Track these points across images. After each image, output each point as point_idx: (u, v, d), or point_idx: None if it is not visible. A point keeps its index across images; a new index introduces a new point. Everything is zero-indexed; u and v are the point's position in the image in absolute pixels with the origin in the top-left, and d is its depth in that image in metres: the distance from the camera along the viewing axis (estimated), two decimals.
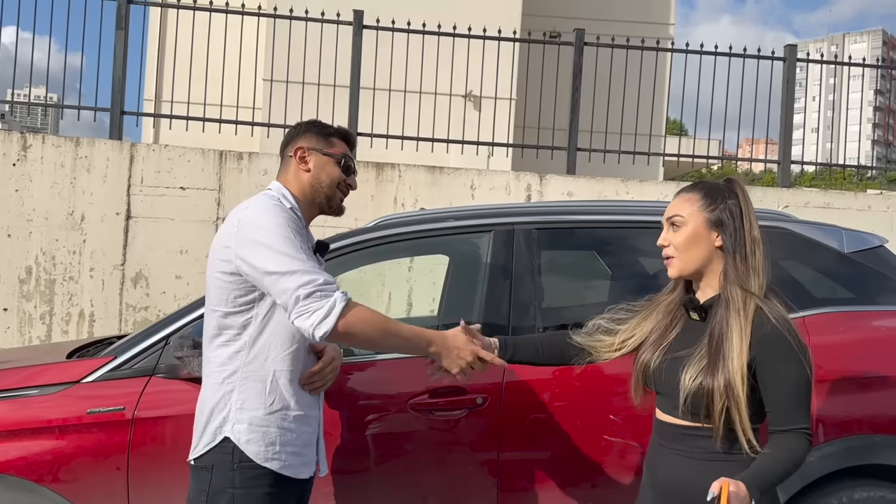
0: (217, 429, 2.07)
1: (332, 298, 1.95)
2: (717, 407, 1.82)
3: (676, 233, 1.95)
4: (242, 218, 2.09)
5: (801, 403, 1.84)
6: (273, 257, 1.98)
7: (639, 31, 17.03)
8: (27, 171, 6.06)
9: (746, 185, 7.67)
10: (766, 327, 1.84)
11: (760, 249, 1.92)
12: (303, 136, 2.29)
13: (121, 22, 6.36)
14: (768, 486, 1.83)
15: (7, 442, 2.43)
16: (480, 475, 2.55)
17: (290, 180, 2.26)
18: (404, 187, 6.52)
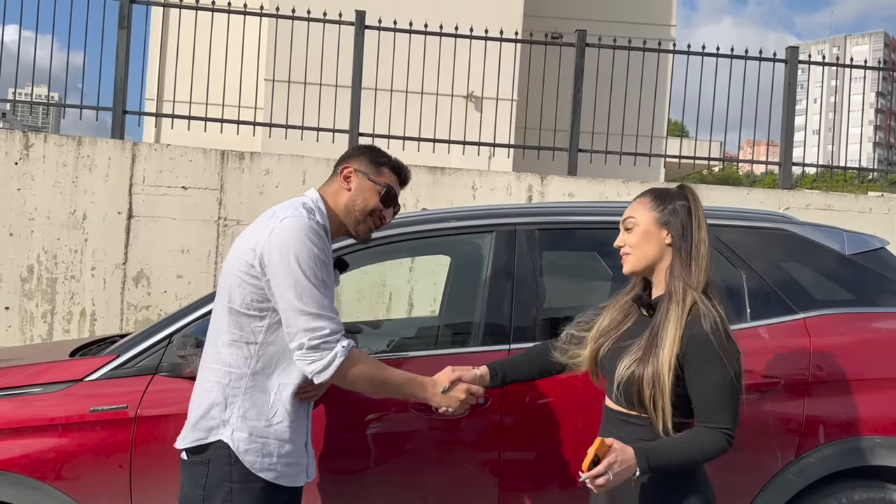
0: (213, 428, 2.08)
1: (333, 351, 2.03)
2: (646, 394, 1.91)
3: (631, 233, 2.08)
4: (278, 230, 2.07)
5: (724, 404, 1.90)
6: (294, 289, 2.02)
7: (640, 33, 17.08)
8: (29, 169, 6.07)
9: (747, 187, 7.64)
10: (696, 328, 1.91)
11: (706, 248, 2.01)
12: (356, 157, 2.34)
13: (123, 21, 6.37)
14: (661, 464, 1.88)
15: (10, 440, 2.44)
16: (482, 475, 2.56)
17: (330, 194, 2.29)
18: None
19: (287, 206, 2.20)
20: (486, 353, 2.63)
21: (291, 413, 2.13)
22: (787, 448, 2.63)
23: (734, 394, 1.91)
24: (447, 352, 2.81)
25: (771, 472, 2.62)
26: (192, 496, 2.07)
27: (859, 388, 2.69)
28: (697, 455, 1.89)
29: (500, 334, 2.69)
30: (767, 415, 2.63)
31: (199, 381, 2.17)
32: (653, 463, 1.87)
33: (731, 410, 1.91)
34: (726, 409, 1.90)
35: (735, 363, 1.92)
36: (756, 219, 3.00)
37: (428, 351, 2.87)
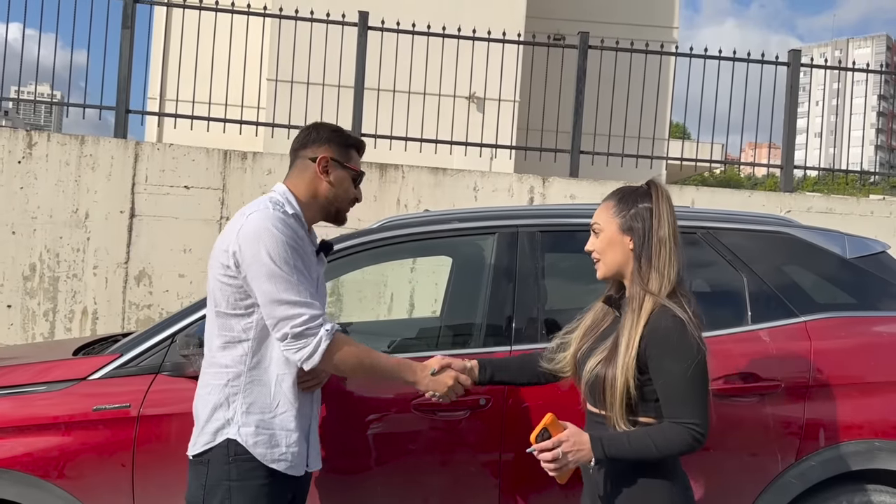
0: (218, 430, 2.11)
1: (318, 337, 2.04)
2: (608, 395, 1.94)
3: (598, 239, 2.10)
4: (245, 226, 2.10)
5: (685, 399, 1.90)
6: (268, 280, 2.04)
7: (642, 35, 17.08)
8: (32, 168, 6.08)
9: (749, 190, 7.61)
10: (658, 324, 1.93)
11: (667, 249, 1.99)
12: (326, 144, 2.28)
13: (127, 21, 6.39)
14: (618, 452, 1.91)
15: (13, 438, 2.45)
16: (482, 476, 2.57)
17: (301, 186, 2.26)
18: (407, 188, 6.53)
19: (254, 202, 2.21)
20: (487, 355, 2.63)
21: (294, 402, 2.14)
22: (787, 451, 2.63)
23: (696, 388, 1.90)
24: (447, 353, 2.80)
25: (771, 474, 2.63)
26: (196, 495, 2.10)
27: (860, 392, 2.69)
28: (659, 447, 1.89)
29: (502, 335, 2.70)
30: (768, 417, 2.64)
31: (199, 387, 2.20)
32: (609, 451, 1.90)
33: (693, 405, 1.90)
34: (688, 404, 1.90)
35: (694, 358, 1.90)
36: (758, 222, 3.01)
37: (428, 352, 2.87)
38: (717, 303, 2.88)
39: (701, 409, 1.91)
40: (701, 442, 1.91)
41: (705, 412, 1.92)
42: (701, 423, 1.90)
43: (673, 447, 1.90)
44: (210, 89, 6.92)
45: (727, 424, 2.62)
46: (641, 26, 16.90)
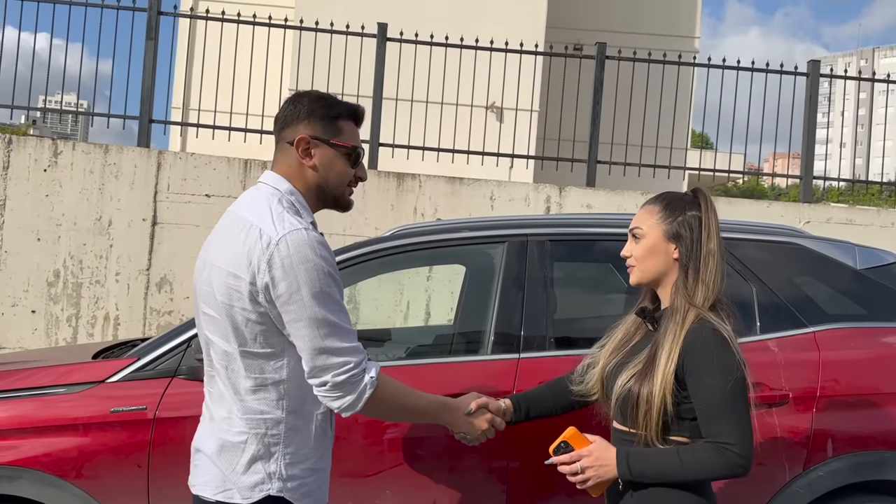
0: (259, 484, 1.85)
1: (361, 385, 1.83)
2: (641, 412, 1.85)
3: (637, 244, 2.00)
4: (276, 254, 1.78)
5: (721, 416, 1.81)
6: (309, 325, 1.78)
7: (664, 45, 16.99)
8: (57, 176, 6.22)
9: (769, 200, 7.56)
10: (699, 338, 1.85)
11: (714, 261, 1.93)
12: (306, 120, 1.93)
13: (151, 32, 6.51)
14: (645, 471, 1.83)
15: (34, 438, 2.52)
16: (490, 481, 2.60)
17: (294, 174, 1.94)
18: (424, 197, 6.59)
19: (262, 210, 1.85)
20: (496, 362, 2.68)
21: (329, 436, 1.99)
22: (795, 460, 2.64)
23: (734, 406, 1.82)
24: (458, 359, 2.85)
25: (779, 484, 2.64)
26: None
27: (869, 403, 2.70)
28: (688, 467, 1.80)
29: (510, 343, 2.73)
30: (775, 427, 2.64)
31: (223, 429, 1.89)
32: (634, 468, 1.83)
33: (730, 424, 1.80)
34: (724, 422, 1.80)
35: (734, 374, 1.82)
36: (768, 232, 3.02)
37: (440, 358, 2.92)
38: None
39: (739, 429, 1.80)
40: (740, 465, 1.80)
41: (745, 433, 1.81)
42: (738, 443, 1.79)
43: (705, 468, 1.81)
44: (232, 99, 7.03)
45: None
46: (663, 36, 16.85)
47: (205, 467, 1.91)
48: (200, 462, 1.93)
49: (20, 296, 6.06)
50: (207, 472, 1.89)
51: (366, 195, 6.53)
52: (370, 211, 6.49)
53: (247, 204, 1.92)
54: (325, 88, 7.32)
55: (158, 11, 6.53)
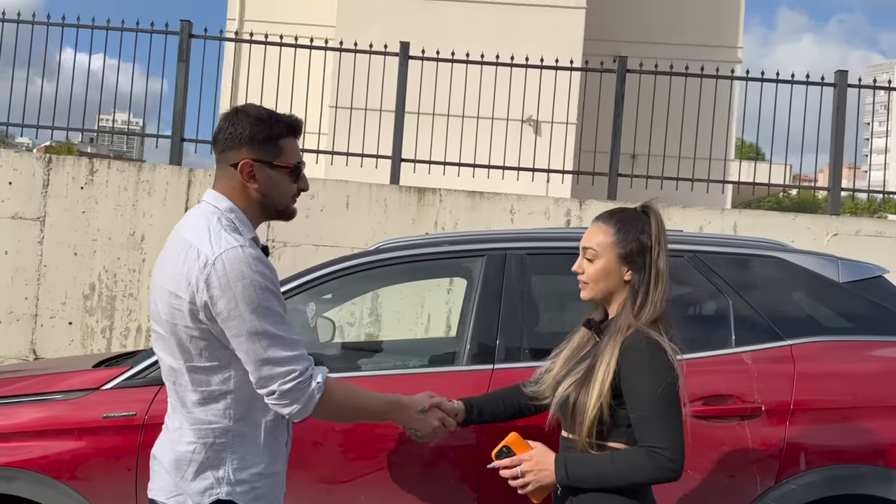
0: (208, 489, 1.93)
1: (308, 391, 1.89)
2: (577, 419, 1.92)
3: (591, 265, 2.04)
4: (213, 273, 1.85)
5: (652, 422, 1.86)
6: (249, 339, 1.85)
7: (706, 55, 16.83)
8: (93, 193, 6.51)
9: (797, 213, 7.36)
10: (633, 348, 1.91)
11: (663, 281, 1.98)
12: (248, 144, 1.97)
13: (182, 55, 6.78)
14: (582, 475, 1.90)
15: (32, 441, 2.69)
16: (462, 488, 2.67)
17: (236, 194, 2.00)
18: (445, 211, 6.69)
19: (201, 230, 1.92)
20: (470, 373, 2.76)
21: (281, 441, 2.04)
22: (767, 473, 2.64)
23: (664, 412, 1.85)
24: (435, 370, 2.94)
25: (750, 496, 2.64)
26: None
27: (844, 416, 2.69)
28: (620, 472, 1.86)
29: (486, 354, 2.80)
30: (747, 439, 2.65)
31: (174, 439, 1.98)
32: (572, 473, 1.89)
33: (659, 429, 1.85)
34: (654, 427, 1.85)
35: (664, 380, 1.86)
36: (749, 246, 3.04)
37: (420, 369, 3.01)
38: (702, 326, 2.93)
39: (669, 434, 1.86)
40: (671, 469, 1.85)
41: (676, 437, 1.86)
42: (668, 447, 1.84)
43: (638, 473, 1.87)
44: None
45: (706, 446, 2.65)
46: (705, 47, 16.71)
47: (159, 474, 2.00)
48: (157, 469, 2.03)
49: (58, 308, 6.36)
50: (161, 479, 1.99)
51: (387, 210, 6.67)
52: (391, 225, 6.62)
53: (188, 223, 2.00)
54: (362, 104, 7.51)
55: (189, 35, 6.80)
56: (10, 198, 6.46)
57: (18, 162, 6.52)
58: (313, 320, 3.38)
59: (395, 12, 12.71)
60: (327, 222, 6.62)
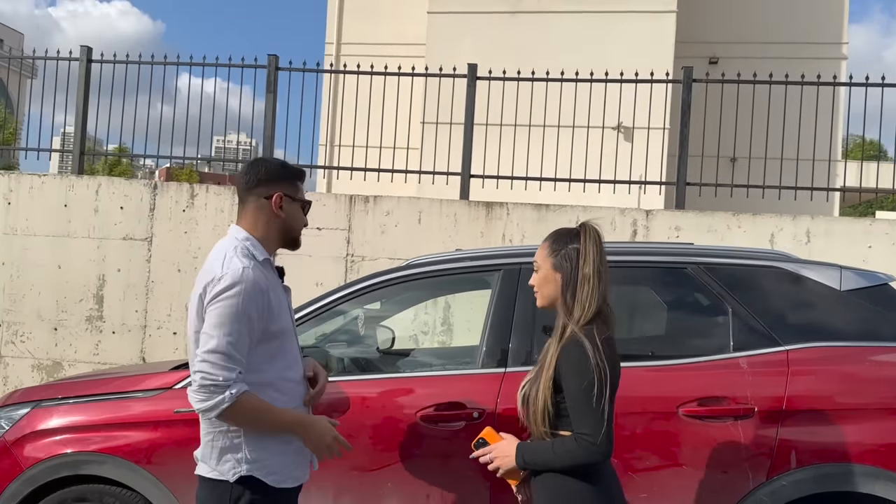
0: (232, 469, 2.36)
1: (220, 397, 2.25)
2: (531, 411, 2.26)
3: (536, 275, 2.41)
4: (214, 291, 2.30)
5: (578, 412, 2.17)
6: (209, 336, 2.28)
7: (808, 52, 16.32)
8: (194, 215, 7.22)
9: (873, 219, 7.22)
10: (566, 349, 2.22)
11: (590, 284, 2.26)
12: (278, 181, 2.46)
13: (270, 86, 7.41)
14: (533, 460, 2.24)
15: (117, 431, 3.21)
16: (476, 479, 2.98)
17: (259, 225, 2.45)
18: (512, 224, 6.99)
19: (220, 255, 2.38)
20: (486, 375, 3.08)
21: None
22: (758, 470, 2.82)
23: (587, 401, 2.14)
24: (454, 373, 3.27)
25: (742, 492, 2.82)
26: None
27: (835, 418, 2.82)
28: (557, 455, 2.18)
29: (499, 358, 3.11)
30: (739, 438, 2.84)
31: (202, 429, 2.46)
32: (527, 458, 2.25)
33: (584, 416, 2.15)
34: (580, 415, 2.16)
35: (588, 376, 2.15)
36: (751, 257, 3.20)
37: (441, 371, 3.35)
38: (702, 332, 3.12)
39: (591, 421, 2.15)
40: (596, 451, 2.15)
41: (597, 424, 2.14)
42: (591, 433, 2.14)
43: (570, 456, 2.17)
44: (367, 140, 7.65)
45: (700, 444, 2.87)
46: (806, 44, 16.22)
47: (199, 456, 2.51)
48: (197, 453, 2.52)
49: (164, 320, 7.08)
50: (201, 460, 2.50)
51: (457, 224, 7.04)
52: (461, 239, 6.99)
53: (214, 250, 2.48)
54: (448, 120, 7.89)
55: (276, 67, 7.42)
56: (121, 221, 7.26)
57: (128, 189, 7.31)
58: (363, 328, 3.79)
59: (485, 28, 13.08)
60: (401, 237, 7.07)
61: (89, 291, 7.32)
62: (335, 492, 3.07)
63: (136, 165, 31.11)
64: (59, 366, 7.32)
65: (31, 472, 3.17)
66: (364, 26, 15.26)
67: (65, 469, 3.16)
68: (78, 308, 7.32)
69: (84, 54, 7.68)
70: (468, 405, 3.01)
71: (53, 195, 7.41)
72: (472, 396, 3.03)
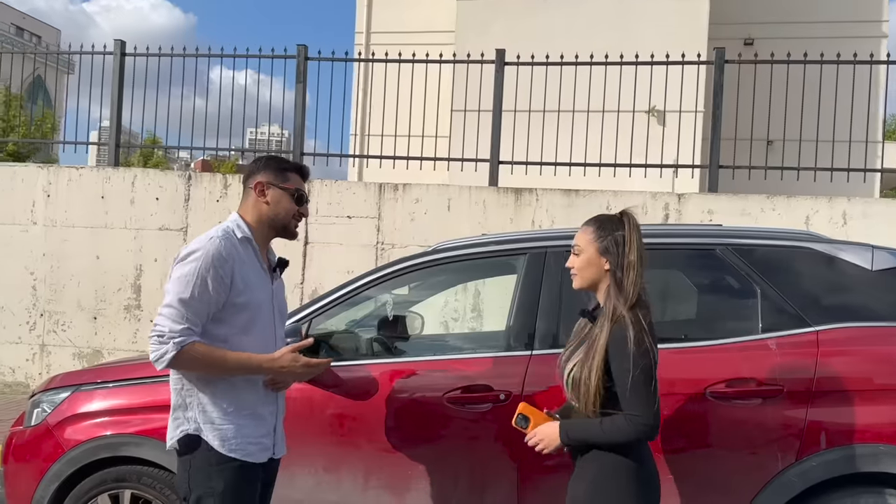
0: (178, 427, 2.52)
1: (166, 347, 2.39)
2: (582, 391, 2.33)
3: (578, 258, 2.48)
4: (183, 252, 2.51)
5: (629, 394, 2.26)
6: (167, 293, 2.46)
7: (846, 31, 15.97)
8: (227, 205, 7.32)
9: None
10: (617, 335, 2.30)
11: (635, 271, 2.36)
12: (262, 171, 2.65)
13: (300, 76, 7.48)
14: (577, 437, 2.35)
15: (154, 414, 3.26)
16: (503, 457, 3.01)
17: (249, 210, 2.66)
18: (542, 210, 6.99)
19: (214, 229, 2.61)
20: (511, 358, 3.10)
21: (245, 402, 2.53)
22: (788, 451, 2.80)
23: (638, 385, 2.24)
24: (481, 355, 3.29)
25: (772, 472, 2.81)
26: (182, 478, 2.53)
27: (865, 398, 2.79)
28: (605, 431, 2.28)
29: (525, 341, 3.13)
30: (768, 419, 2.83)
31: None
32: (571, 435, 2.34)
33: (636, 399, 2.25)
34: (632, 398, 2.25)
35: (640, 359, 2.24)
36: (779, 238, 3.17)
37: (470, 354, 3.37)
38: (730, 314, 3.11)
39: (642, 404, 2.26)
40: (644, 430, 2.26)
41: (649, 406, 2.26)
42: (641, 413, 2.26)
43: (619, 433, 2.28)
44: (395, 130, 7.71)
45: (729, 424, 2.86)
46: (844, 23, 15.86)
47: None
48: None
49: None
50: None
51: (486, 210, 7.05)
52: (491, 226, 7.00)
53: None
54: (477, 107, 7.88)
55: (306, 57, 7.48)
56: (157, 212, 7.40)
57: (163, 180, 7.45)
58: (391, 312, 3.83)
59: (514, 13, 13.01)
60: (431, 224, 7.10)
61: (127, 281, 7.49)
62: (364, 472, 3.12)
63: (172, 158, 31.56)
64: (100, 354, 7.51)
65: (73, 454, 3.26)
66: (393, 15, 15.26)
67: (104, 451, 3.25)
68: (116, 297, 7.50)
69: (118, 48, 7.82)
70: (495, 387, 3.04)
71: (91, 187, 7.57)
72: (499, 379, 3.05)
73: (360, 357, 3.37)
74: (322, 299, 3.42)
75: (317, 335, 3.25)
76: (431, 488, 3.08)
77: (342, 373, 3.17)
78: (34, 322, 7.60)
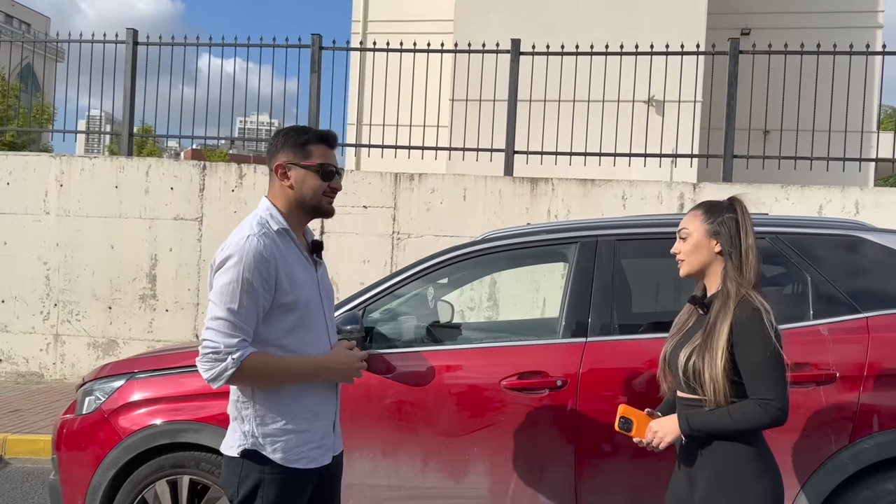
0: (237, 442, 2.32)
1: (224, 364, 2.19)
2: (707, 380, 2.22)
3: (685, 243, 2.40)
4: (217, 261, 2.27)
5: (761, 378, 2.18)
6: (212, 305, 2.24)
7: (842, 21, 16.08)
8: (242, 195, 7.33)
9: None
10: (742, 315, 2.21)
11: (753, 254, 2.30)
12: (280, 151, 2.38)
13: (314, 66, 7.47)
14: (701, 426, 2.23)
15: (212, 401, 3.30)
16: (560, 441, 3.07)
17: (278, 196, 2.40)
18: (557, 200, 7.05)
19: (247, 220, 2.35)
20: (566, 345, 3.16)
21: (305, 405, 2.33)
22: (841, 434, 2.88)
23: (772, 368, 2.16)
24: (535, 342, 3.35)
25: (825, 454, 2.89)
26: (230, 480, 2.33)
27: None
28: (735, 419, 2.17)
29: (579, 329, 3.19)
30: (822, 403, 2.90)
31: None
32: (693, 424, 2.23)
33: (769, 383, 2.16)
34: (764, 382, 2.16)
35: (771, 344, 2.17)
36: (828, 226, 3.24)
37: (520, 342, 3.43)
38: (783, 301, 3.18)
39: (776, 387, 2.17)
40: (779, 416, 2.17)
41: (781, 390, 2.18)
42: (776, 398, 2.16)
43: (751, 420, 2.18)
44: (397, 119, 7.77)
45: None
46: (841, 13, 15.99)
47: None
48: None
49: None
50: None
51: (502, 200, 7.10)
52: (506, 215, 7.06)
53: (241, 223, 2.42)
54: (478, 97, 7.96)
55: (320, 47, 7.48)
56: (172, 202, 7.39)
57: (178, 169, 7.44)
58: (433, 302, 3.87)
59: (514, 2, 13.02)
60: (447, 214, 7.14)
61: (142, 271, 7.48)
62: (423, 457, 3.17)
63: (162, 147, 31.35)
64: (115, 343, 7.51)
65: (130, 441, 3.29)
66: (391, 4, 15.21)
67: (163, 437, 3.28)
68: (131, 287, 7.49)
69: (130, 37, 7.78)
70: (551, 373, 3.10)
71: (104, 177, 7.55)
72: (555, 365, 3.11)
73: (414, 345, 3.41)
74: (373, 288, 3.46)
75: (367, 325, 3.30)
76: (489, 472, 3.14)
77: (397, 360, 3.22)
78: (48, 312, 7.58)
